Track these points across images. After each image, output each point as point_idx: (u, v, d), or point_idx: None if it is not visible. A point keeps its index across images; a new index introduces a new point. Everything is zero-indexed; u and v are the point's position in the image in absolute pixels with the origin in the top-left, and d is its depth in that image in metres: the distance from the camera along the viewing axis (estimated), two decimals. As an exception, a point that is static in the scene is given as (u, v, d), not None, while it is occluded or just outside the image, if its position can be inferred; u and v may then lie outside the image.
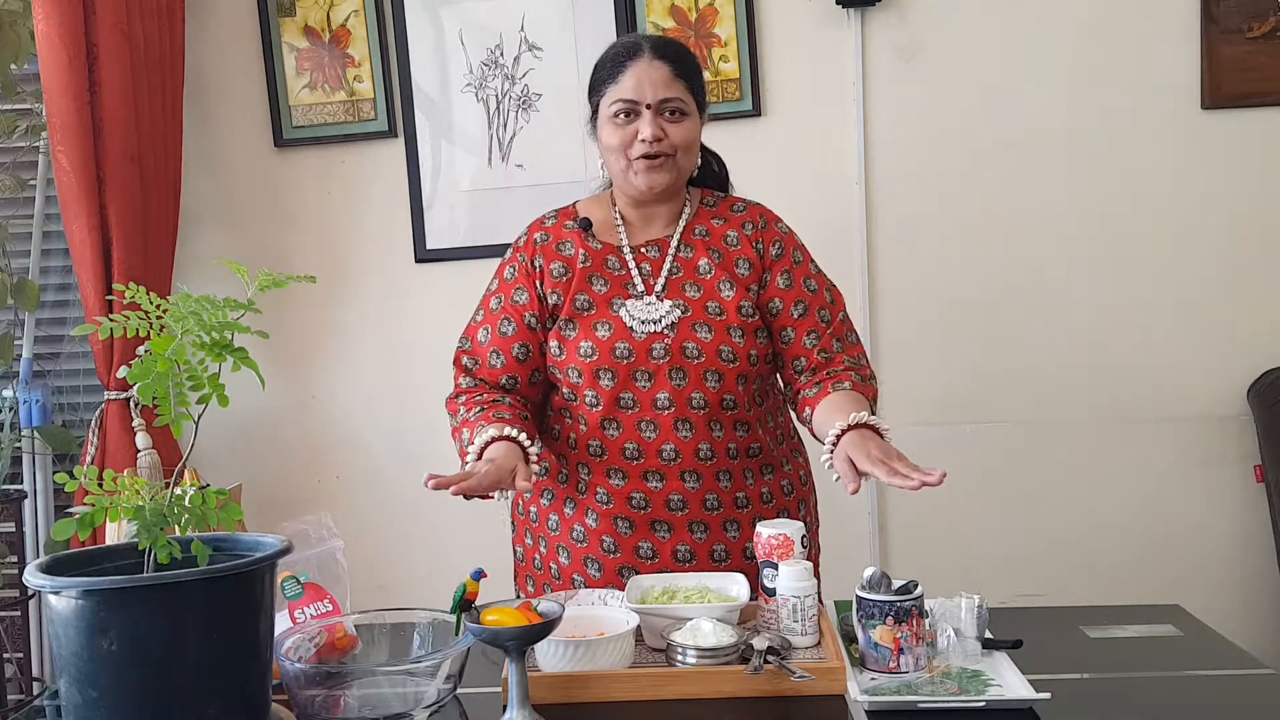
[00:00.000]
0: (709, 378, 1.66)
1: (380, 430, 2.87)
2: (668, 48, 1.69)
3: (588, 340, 1.68)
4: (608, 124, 1.69)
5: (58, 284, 2.95)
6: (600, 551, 1.71)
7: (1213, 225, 2.63)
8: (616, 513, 1.69)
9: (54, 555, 1.18)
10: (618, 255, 1.73)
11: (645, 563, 1.69)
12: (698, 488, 1.68)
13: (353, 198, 2.84)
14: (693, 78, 1.70)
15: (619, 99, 1.66)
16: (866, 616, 1.37)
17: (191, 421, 1.16)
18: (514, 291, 1.75)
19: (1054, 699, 1.26)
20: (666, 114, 1.66)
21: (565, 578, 1.75)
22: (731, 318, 1.68)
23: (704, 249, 1.72)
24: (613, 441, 1.69)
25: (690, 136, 1.69)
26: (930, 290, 2.69)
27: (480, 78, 2.76)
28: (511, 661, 1.25)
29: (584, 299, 1.70)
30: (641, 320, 1.67)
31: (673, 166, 1.68)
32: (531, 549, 1.82)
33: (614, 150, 1.69)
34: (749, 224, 1.75)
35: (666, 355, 1.66)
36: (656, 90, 1.65)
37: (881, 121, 2.68)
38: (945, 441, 2.69)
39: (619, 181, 1.73)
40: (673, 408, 1.66)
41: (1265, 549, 2.62)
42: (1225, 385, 2.65)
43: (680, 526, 1.69)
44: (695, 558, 1.69)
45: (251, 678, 1.15)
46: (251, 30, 2.81)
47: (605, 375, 1.67)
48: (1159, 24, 2.60)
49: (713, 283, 1.70)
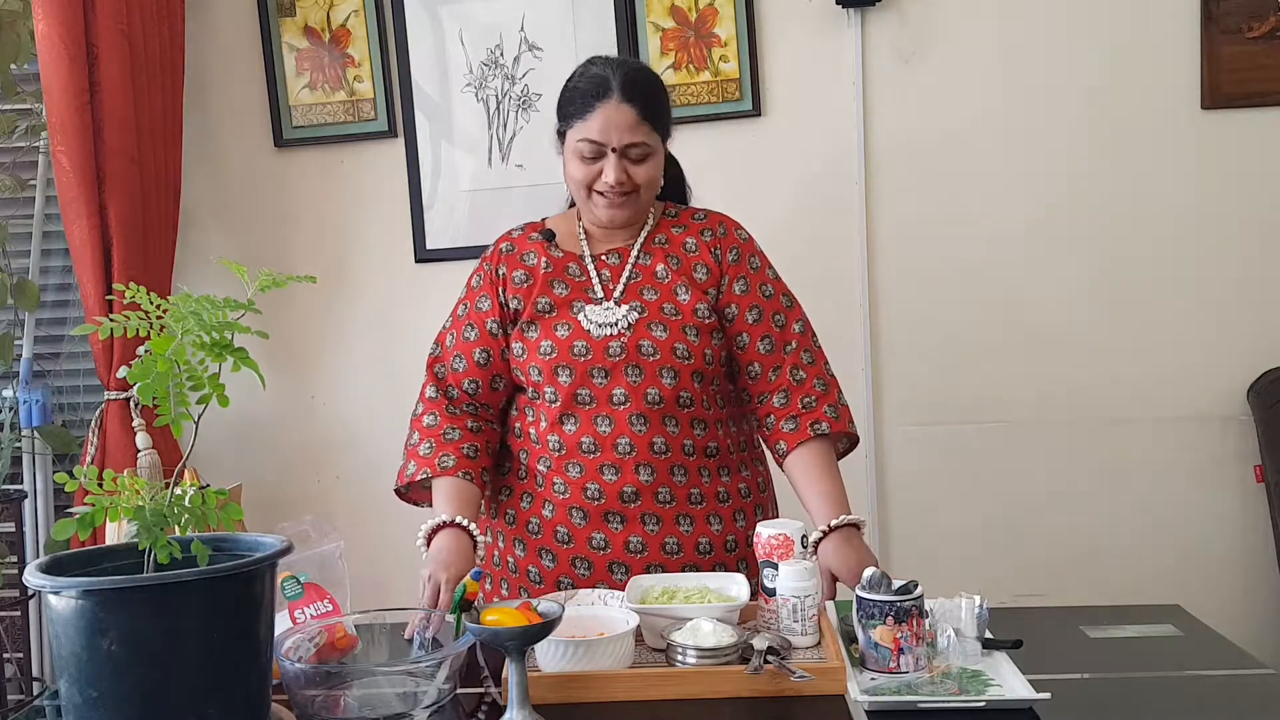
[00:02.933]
0: (664, 374, 1.71)
1: (380, 430, 2.86)
2: (635, 88, 1.70)
3: (548, 340, 1.74)
4: (574, 158, 1.73)
5: (58, 284, 2.95)
6: (555, 542, 1.75)
7: (1213, 225, 2.63)
8: (572, 503, 1.73)
9: (54, 555, 1.18)
10: (579, 263, 1.79)
11: (598, 553, 1.73)
12: (651, 481, 1.71)
13: (353, 198, 2.84)
14: (659, 117, 1.73)
15: (585, 138, 1.69)
16: (866, 616, 1.37)
17: (191, 421, 1.16)
18: (478, 299, 1.82)
19: (1054, 699, 1.26)
20: (631, 157, 1.70)
21: (521, 570, 1.79)
22: (687, 318, 1.73)
23: (662, 255, 1.78)
24: (570, 436, 1.72)
25: (653, 175, 1.74)
26: (930, 290, 2.69)
27: (480, 78, 2.76)
28: (511, 661, 1.25)
29: (545, 302, 1.76)
30: (599, 324, 1.72)
31: (634, 202, 1.74)
32: (491, 545, 1.86)
33: (577, 183, 1.74)
34: (707, 231, 1.80)
35: (623, 353, 1.71)
36: (622, 135, 1.68)
37: (881, 121, 2.68)
38: (945, 441, 2.69)
39: (581, 207, 1.79)
40: (629, 403, 1.70)
41: (1265, 549, 2.62)
42: (1225, 385, 2.65)
43: (633, 518, 1.72)
44: (647, 549, 1.72)
45: (251, 678, 1.15)
46: (251, 30, 2.81)
47: (564, 372, 1.72)
48: (1159, 24, 2.60)
49: (670, 286, 1.75)
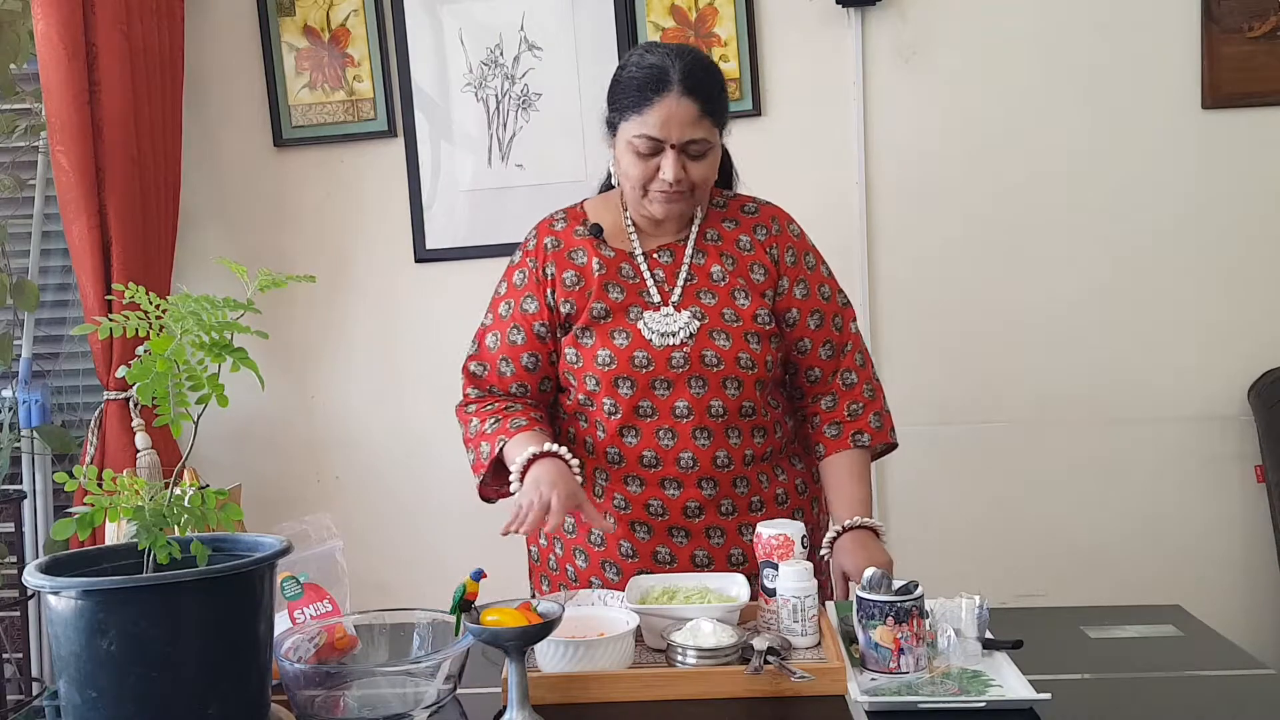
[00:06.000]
0: (728, 385, 1.66)
1: (380, 430, 2.87)
2: (697, 81, 1.60)
3: (605, 349, 1.66)
4: (628, 152, 1.63)
5: (57, 284, 2.95)
6: (619, 556, 1.71)
7: (1212, 225, 2.63)
8: (634, 518, 1.69)
9: (54, 555, 1.18)
10: (631, 263, 1.71)
11: (664, 568, 1.69)
12: (714, 494, 1.67)
13: (353, 198, 2.84)
14: (720, 112, 1.64)
15: (643, 134, 1.60)
16: (867, 617, 1.37)
17: (191, 421, 1.16)
18: (523, 299, 1.73)
19: (1054, 699, 1.25)
20: (690, 153, 1.62)
21: (583, 580, 1.74)
22: (748, 324, 1.67)
23: (717, 255, 1.71)
24: (631, 449, 1.67)
25: (710, 171, 1.66)
26: (930, 290, 2.69)
27: (480, 77, 2.76)
28: (511, 661, 1.25)
29: (601, 307, 1.68)
30: (660, 333, 1.66)
31: (690, 199, 1.66)
32: (546, 549, 1.82)
33: (632, 180, 1.65)
34: (761, 228, 1.74)
35: (686, 364, 1.65)
36: (683, 131, 1.59)
37: (881, 121, 2.67)
38: (945, 441, 2.69)
39: (632, 202, 1.70)
40: (691, 416, 1.65)
41: (1265, 549, 2.62)
42: (1225, 385, 2.65)
43: (698, 532, 1.68)
44: (713, 562, 1.69)
45: (251, 678, 1.15)
46: (251, 30, 2.81)
47: (624, 384, 1.66)
48: (1159, 24, 2.60)
49: (728, 290, 1.69)
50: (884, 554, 1.64)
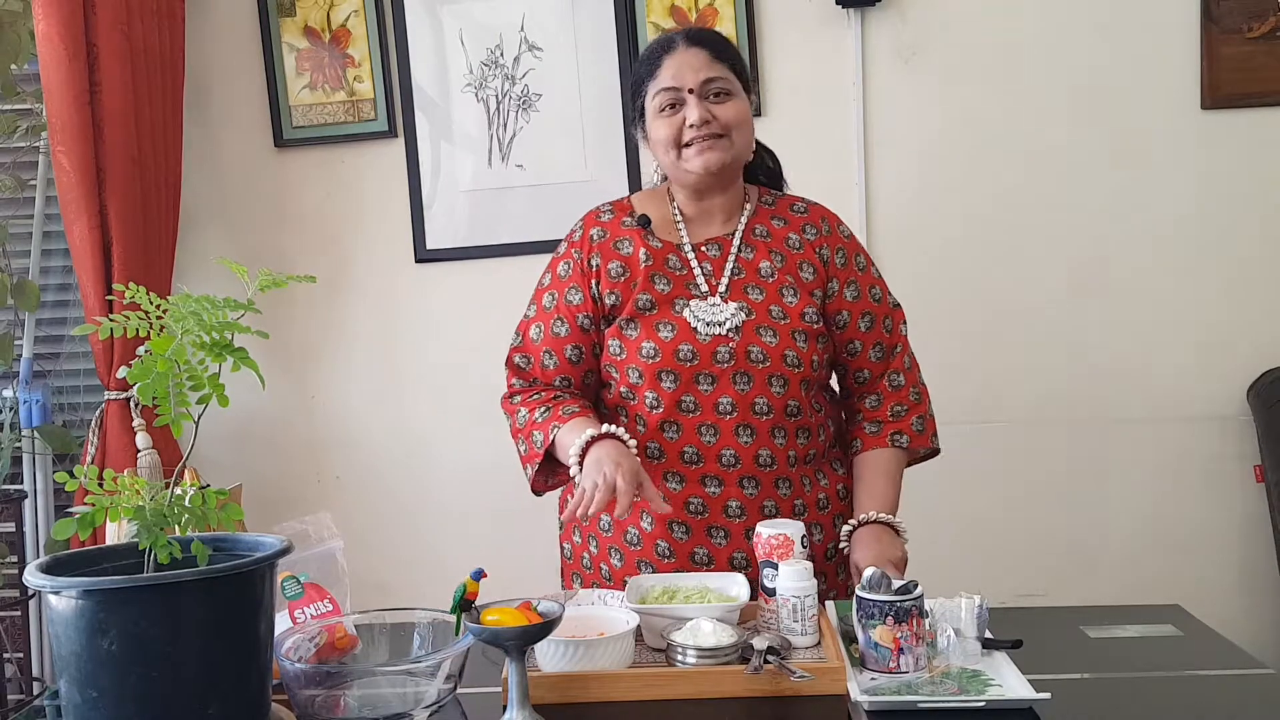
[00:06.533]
0: (774, 383, 1.64)
1: (380, 430, 2.87)
2: (704, 34, 1.68)
3: (650, 341, 1.64)
4: (655, 119, 1.66)
5: (58, 284, 2.95)
6: (655, 555, 1.68)
7: (1212, 225, 2.63)
8: (672, 517, 1.66)
9: (54, 555, 1.18)
10: (678, 254, 1.69)
11: (702, 568, 1.66)
12: (756, 494, 1.65)
13: (353, 198, 2.84)
14: (734, 59, 1.68)
15: (661, 89, 1.64)
16: (866, 616, 1.37)
17: (191, 421, 1.16)
18: (568, 290, 1.71)
19: (1054, 699, 1.25)
20: (711, 96, 1.63)
21: (617, 580, 1.70)
22: (795, 322, 1.66)
23: (765, 251, 1.70)
24: (671, 444, 1.65)
25: (739, 114, 1.65)
26: (930, 290, 2.68)
27: (480, 78, 2.76)
28: (511, 661, 1.25)
29: (646, 299, 1.66)
30: (706, 322, 1.64)
31: (727, 145, 1.64)
32: (580, 547, 1.79)
33: (664, 143, 1.66)
34: (810, 228, 1.73)
35: (731, 359, 1.63)
36: (697, 73, 1.62)
37: (881, 121, 2.68)
38: (945, 441, 2.67)
39: (675, 175, 1.70)
40: (735, 412, 1.63)
41: (1265, 549, 2.62)
42: (1225, 385, 2.65)
43: (737, 533, 1.65)
44: (751, 565, 1.66)
45: (251, 678, 1.15)
46: (251, 30, 2.81)
47: (668, 377, 1.64)
48: (1159, 24, 2.60)
49: (776, 286, 1.67)
50: (899, 550, 1.63)
